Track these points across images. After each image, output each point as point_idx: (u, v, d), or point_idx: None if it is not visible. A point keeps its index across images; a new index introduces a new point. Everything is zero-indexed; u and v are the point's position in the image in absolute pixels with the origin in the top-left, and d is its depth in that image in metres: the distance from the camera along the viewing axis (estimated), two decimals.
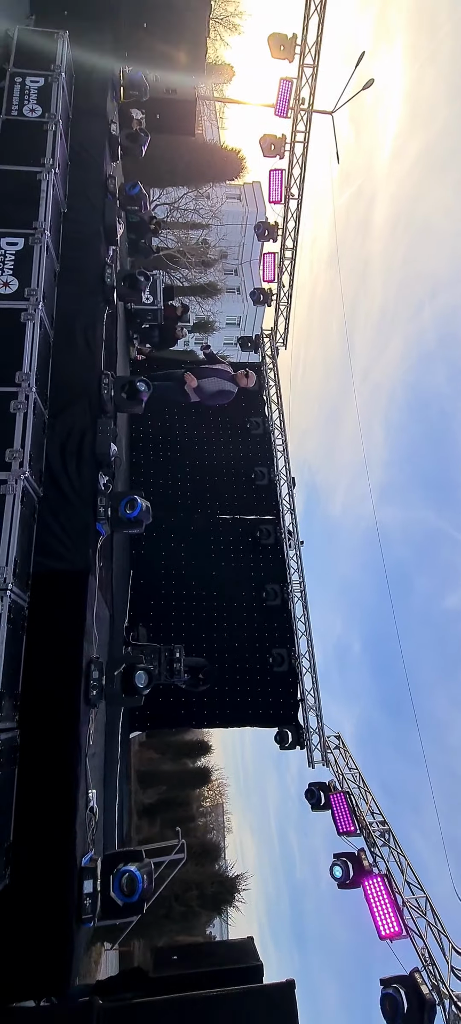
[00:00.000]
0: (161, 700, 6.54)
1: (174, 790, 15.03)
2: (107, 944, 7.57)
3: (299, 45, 7.76)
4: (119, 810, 5.27)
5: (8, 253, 4.08)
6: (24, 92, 4.84)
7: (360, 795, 5.62)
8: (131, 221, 6.75)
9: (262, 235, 8.57)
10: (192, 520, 7.53)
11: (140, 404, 4.62)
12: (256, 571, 7.24)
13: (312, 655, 6.60)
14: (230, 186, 22.07)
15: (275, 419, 8.31)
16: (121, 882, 3.11)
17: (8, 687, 3.09)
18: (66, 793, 3.18)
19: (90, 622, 3.70)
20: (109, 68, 6.15)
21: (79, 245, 4.76)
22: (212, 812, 20.55)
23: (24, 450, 3.53)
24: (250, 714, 6.60)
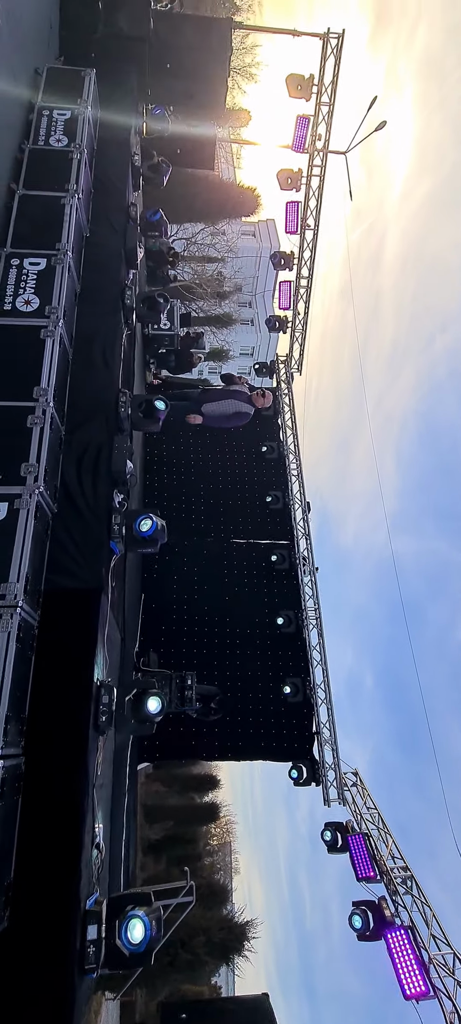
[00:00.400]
0: (171, 730, 6.30)
1: (181, 826, 14.49)
2: (109, 993, 7.15)
3: (316, 85, 8.01)
4: (125, 846, 5.00)
5: (30, 273, 4.13)
6: (51, 124, 5.01)
7: (379, 837, 5.28)
8: (150, 249, 6.90)
9: (278, 264, 8.69)
10: (205, 544, 7.43)
11: (157, 422, 4.59)
12: (270, 597, 7.06)
13: (327, 686, 6.34)
14: (245, 222, 22.74)
15: (290, 443, 8.25)
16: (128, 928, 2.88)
17: (14, 710, 2.95)
18: (72, 828, 2.98)
19: (101, 643, 3.57)
20: (133, 104, 6.38)
21: (100, 267, 4.82)
22: (219, 851, 19.74)
23: (39, 464, 3.49)
24: (263, 747, 6.32)
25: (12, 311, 3.97)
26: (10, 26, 4.74)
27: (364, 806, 5.65)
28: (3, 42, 4.62)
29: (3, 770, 2.73)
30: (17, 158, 4.82)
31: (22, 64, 5.18)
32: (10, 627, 3.00)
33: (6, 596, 3.09)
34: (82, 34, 6.51)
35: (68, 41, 6.41)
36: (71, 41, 6.41)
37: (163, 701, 3.60)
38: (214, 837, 19.60)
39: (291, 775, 5.99)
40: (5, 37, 4.66)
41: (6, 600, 3.08)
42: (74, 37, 6.46)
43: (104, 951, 2.87)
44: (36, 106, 5.08)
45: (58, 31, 6.42)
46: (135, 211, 5.60)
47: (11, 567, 3.15)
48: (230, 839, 21.08)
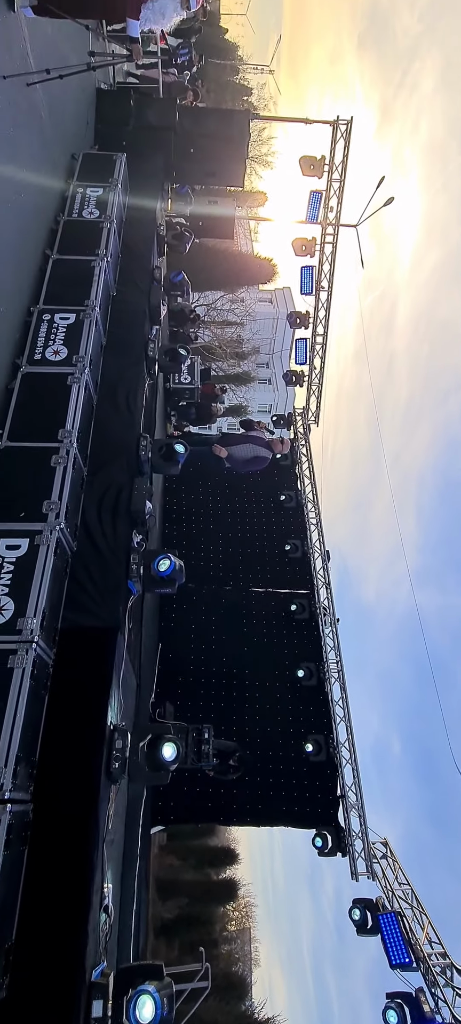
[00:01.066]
0: (186, 790, 5.97)
1: (196, 905, 13.42)
2: None
3: (327, 165, 8.62)
4: (136, 919, 4.62)
5: (60, 326, 4.40)
6: (84, 199, 5.49)
7: (414, 918, 4.75)
8: (173, 310, 7.31)
9: (294, 323, 9.05)
10: (224, 592, 7.32)
11: (176, 466, 4.67)
12: (290, 648, 6.83)
13: (352, 744, 5.95)
14: (262, 290, 24.00)
15: (308, 492, 8.24)
16: (137, 1006, 2.60)
17: (25, 752, 2.84)
18: (79, 883, 2.77)
19: (116, 684, 3.47)
20: (159, 183, 6.97)
21: (125, 322, 5.11)
22: (238, 938, 18.09)
23: (61, 502, 3.55)
24: (284, 811, 5.89)
25: (42, 360, 4.20)
26: (52, 120, 5.32)
27: (395, 881, 5.14)
28: (46, 134, 5.18)
29: (11, 815, 2.60)
30: (53, 229, 5.26)
31: (61, 152, 5.77)
32: (25, 663, 2.95)
33: (22, 631, 3.07)
34: (115, 127, 7.26)
35: (102, 133, 7.14)
36: (105, 133, 7.14)
37: (179, 748, 3.42)
38: (232, 921, 18.05)
39: (315, 843, 5.53)
40: (48, 130, 5.22)
41: (22, 635, 3.06)
42: (108, 130, 7.20)
43: None
44: (72, 185, 5.59)
45: (94, 125, 7.18)
46: (159, 273, 5.98)
47: (28, 602, 3.15)
48: (249, 924, 19.37)
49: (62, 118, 5.68)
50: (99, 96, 7.10)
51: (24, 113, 4.49)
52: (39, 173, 4.93)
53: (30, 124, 4.68)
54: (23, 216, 4.55)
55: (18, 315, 4.39)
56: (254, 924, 19.83)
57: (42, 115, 4.96)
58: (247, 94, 27.29)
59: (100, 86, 7.23)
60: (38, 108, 4.84)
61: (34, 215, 4.83)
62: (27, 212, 4.65)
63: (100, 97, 7.11)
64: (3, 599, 3.06)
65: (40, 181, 4.97)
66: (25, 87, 4.40)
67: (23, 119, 4.48)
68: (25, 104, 4.50)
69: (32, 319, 4.41)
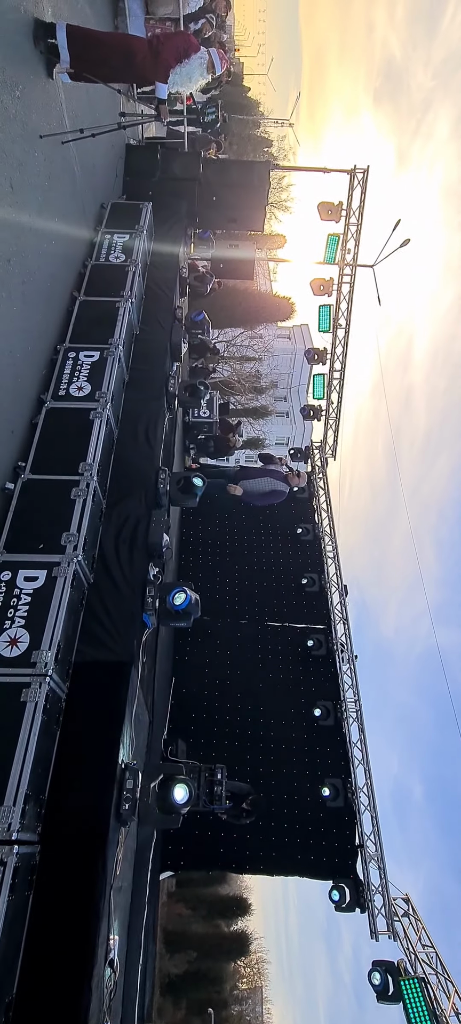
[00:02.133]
0: (197, 835, 5.76)
1: (205, 960, 12.76)
2: None
3: (344, 210, 8.88)
4: (142, 973, 4.39)
5: (85, 364, 4.56)
6: (111, 245, 5.76)
7: (438, 985, 4.40)
8: (193, 344, 7.52)
9: (312, 359, 9.18)
10: (239, 626, 7.22)
11: (194, 498, 4.71)
12: (306, 685, 6.64)
13: (371, 789, 5.68)
14: (281, 327, 24.54)
15: (325, 526, 8.16)
16: None
17: (34, 790, 2.77)
18: (84, 934, 2.64)
19: (129, 720, 3.42)
20: (183, 228, 7.28)
21: (147, 359, 5.27)
22: (249, 998, 17.07)
23: (80, 534, 3.60)
24: (299, 860, 5.62)
25: (66, 396, 4.35)
26: (84, 173, 5.67)
27: (418, 943, 4.80)
28: (77, 186, 5.51)
29: (17, 857, 2.52)
30: (80, 272, 5.52)
31: (91, 202, 6.12)
32: (38, 697, 2.94)
33: (37, 664, 3.07)
34: (142, 179, 7.67)
35: (130, 184, 7.55)
36: (133, 184, 7.55)
37: (191, 790, 3.33)
38: (243, 979, 17.09)
39: (331, 897, 5.23)
40: (80, 182, 5.55)
41: (36, 668, 3.06)
42: (135, 181, 7.61)
43: None
44: (100, 232, 5.89)
45: (123, 177, 7.60)
46: (181, 313, 6.19)
47: (44, 635, 3.16)
48: (261, 983, 18.29)
49: (93, 172, 6.04)
50: (128, 151, 7.54)
51: (58, 168, 4.79)
52: (70, 223, 5.21)
53: (63, 178, 4.99)
54: (54, 263, 4.80)
55: (45, 353, 4.58)
56: (266, 983, 18.71)
57: (75, 169, 5.29)
58: (268, 145, 28.60)
59: (129, 141, 7.68)
60: (71, 163, 5.16)
61: (64, 261, 5.09)
62: (58, 258, 4.90)
63: (129, 151, 7.55)
64: (19, 631, 3.08)
65: (71, 230, 5.25)
66: (60, 145, 4.71)
67: (57, 173, 4.78)
68: (59, 160, 4.81)
69: (58, 357, 4.59)
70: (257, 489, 5.75)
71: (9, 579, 3.28)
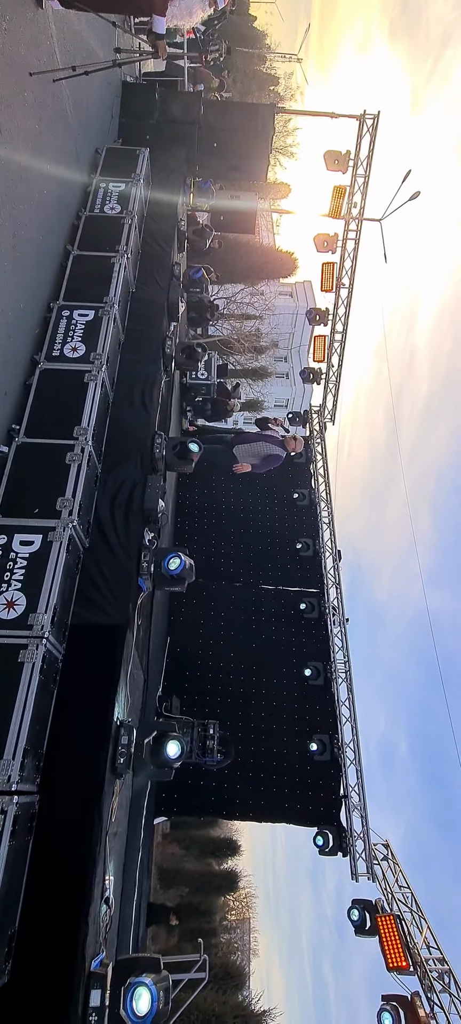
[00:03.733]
0: (190, 783, 6.06)
1: (197, 894, 13.63)
2: None
3: (352, 160, 8.47)
4: (137, 908, 4.73)
5: (79, 323, 4.45)
6: (106, 194, 5.52)
7: (413, 922, 4.76)
8: (192, 301, 7.32)
9: (313, 319, 8.96)
10: (234, 589, 7.36)
11: (190, 464, 4.70)
12: (298, 646, 6.84)
13: (357, 745, 5.96)
14: (283, 284, 23.78)
15: (322, 491, 8.20)
16: (133, 998, 2.66)
17: (33, 745, 2.91)
18: (81, 875, 2.83)
19: (124, 680, 3.54)
20: (181, 177, 6.95)
21: (143, 319, 5.14)
22: (237, 928, 18.35)
23: (75, 499, 3.62)
24: (287, 808, 5.94)
25: (60, 356, 4.26)
26: (77, 115, 5.35)
27: (395, 884, 5.15)
28: (70, 129, 5.21)
29: (17, 806, 2.67)
30: (74, 224, 5.31)
31: (85, 145, 5.80)
32: (35, 658, 3.03)
33: (33, 627, 3.15)
34: (139, 121, 7.25)
35: (127, 126, 7.15)
36: (129, 126, 7.15)
37: (183, 746, 3.49)
38: (232, 911, 18.30)
39: (316, 842, 5.57)
40: (72, 125, 5.25)
41: (33, 631, 3.14)
42: (132, 123, 7.20)
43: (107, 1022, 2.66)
44: (94, 180, 5.62)
45: (118, 119, 7.18)
46: (179, 270, 5.99)
47: (40, 598, 3.22)
48: (249, 915, 19.61)
49: (87, 113, 5.71)
50: (124, 89, 7.11)
51: (49, 109, 4.53)
52: (63, 168, 4.97)
53: (55, 120, 4.72)
54: (46, 212, 4.60)
55: (38, 311, 4.46)
56: (254, 915, 20.08)
57: (67, 110, 5.00)
58: (274, 83, 26.89)
59: (126, 79, 7.23)
60: (63, 104, 4.88)
61: (56, 211, 4.88)
62: (50, 208, 4.70)
63: (125, 91, 7.11)
64: (16, 594, 3.14)
65: (63, 176, 5.01)
66: (51, 83, 4.44)
67: (48, 115, 4.52)
68: (51, 100, 4.54)
69: (51, 315, 4.47)
70: (253, 453, 5.74)
71: (5, 543, 3.32)
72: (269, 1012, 8.54)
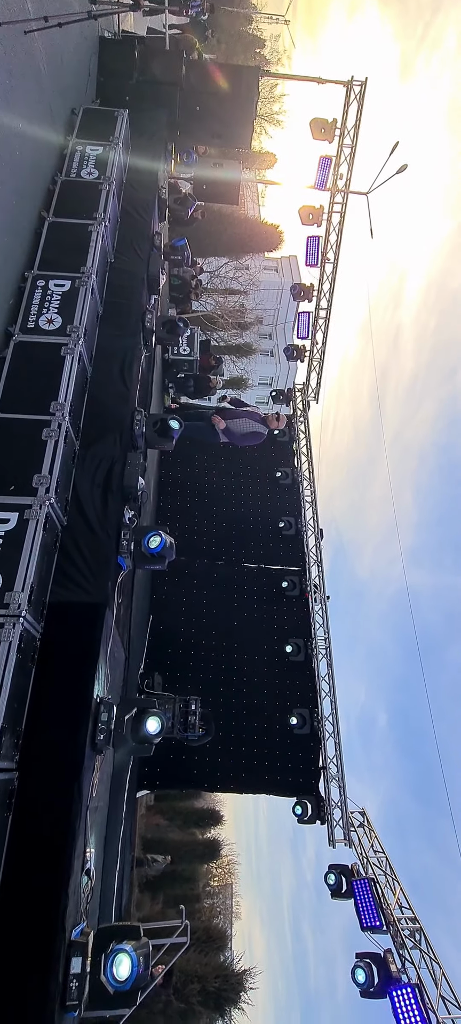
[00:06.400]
0: (172, 757, 6.16)
1: (180, 863, 13.96)
2: None
3: (338, 128, 8.28)
4: (119, 879, 4.82)
5: (55, 294, 4.30)
6: (83, 158, 5.28)
7: (387, 884, 4.98)
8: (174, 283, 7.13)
9: (297, 295, 8.85)
10: (216, 567, 7.39)
11: (171, 441, 4.64)
12: (280, 623, 6.94)
13: (336, 719, 6.13)
14: (268, 258, 23.37)
15: (304, 470, 8.23)
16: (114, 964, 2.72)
17: (10, 723, 2.89)
18: (61, 849, 2.85)
19: (103, 658, 3.53)
20: (162, 142, 6.69)
21: (123, 291, 4.99)
22: (220, 894, 18.93)
23: (52, 477, 3.54)
24: (267, 780, 6.10)
25: (35, 329, 4.12)
26: (51, 71, 5.06)
27: (371, 849, 5.37)
28: (44, 84, 4.93)
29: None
30: (49, 189, 5.07)
31: (61, 105, 5.51)
32: (12, 637, 2.99)
33: (10, 605, 3.10)
34: (118, 80, 6.91)
35: (105, 86, 6.80)
36: (107, 86, 6.81)
37: (163, 722, 3.51)
38: (215, 878, 18.84)
39: (295, 811, 5.75)
40: (46, 81, 4.97)
41: (10, 610, 3.09)
42: (110, 83, 6.86)
43: (88, 988, 2.72)
44: (70, 143, 5.37)
45: (96, 77, 6.83)
46: (159, 240, 5.80)
47: (17, 576, 3.17)
48: (231, 881, 20.24)
49: (62, 70, 5.41)
50: (102, 46, 6.75)
51: (21, 63, 4.28)
52: (36, 128, 4.72)
53: (27, 75, 4.46)
54: (19, 175, 4.38)
55: (12, 280, 4.28)
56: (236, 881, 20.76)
57: (41, 67, 4.73)
58: (260, 46, 25.97)
59: (103, 34, 6.86)
60: (36, 59, 4.61)
61: (31, 174, 4.66)
62: (24, 170, 4.48)
63: (103, 47, 6.76)
64: None
65: (37, 137, 4.77)
66: (22, 35, 4.18)
67: (20, 70, 4.27)
68: (22, 53, 4.28)
69: (26, 285, 4.30)
70: (237, 429, 5.69)
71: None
72: (250, 971, 8.91)
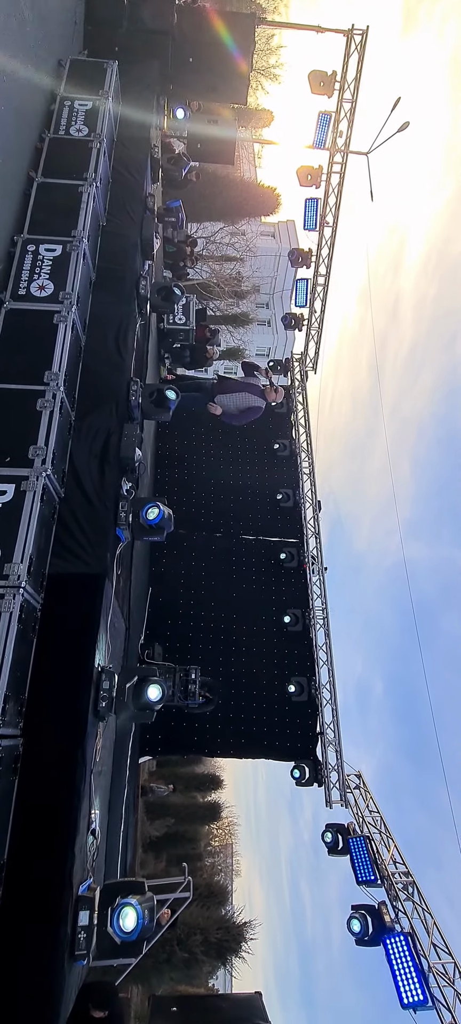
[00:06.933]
0: (173, 724, 6.29)
1: (182, 824, 14.44)
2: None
3: (338, 81, 7.94)
4: (123, 839, 4.98)
5: (46, 259, 4.17)
6: (72, 114, 5.05)
7: (381, 842, 5.18)
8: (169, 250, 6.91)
9: (295, 261, 8.64)
10: (214, 539, 7.41)
11: (167, 412, 4.58)
12: (278, 595, 7.01)
13: (333, 686, 6.26)
14: (265, 223, 22.72)
15: (302, 442, 8.18)
16: (120, 916, 2.85)
17: (14, 691, 2.94)
18: (66, 810, 2.95)
19: (104, 628, 3.56)
20: (154, 97, 6.40)
21: (116, 256, 4.84)
22: (221, 853, 19.66)
23: (48, 448, 3.50)
24: (266, 745, 6.26)
25: (26, 296, 4.01)
26: (36, 17, 4.79)
27: (366, 809, 5.56)
28: (28, 33, 4.68)
29: (1, 749, 2.73)
30: (37, 147, 4.87)
31: (46, 56, 5.23)
32: (12, 607, 3.01)
33: (9, 577, 3.10)
34: (106, 29, 6.56)
35: (92, 35, 6.46)
36: (95, 36, 6.47)
37: (164, 690, 3.58)
38: (215, 838, 19.53)
39: (293, 775, 5.92)
40: (30, 28, 4.71)
41: (9, 581, 3.09)
42: (98, 32, 6.51)
43: (95, 939, 2.85)
44: (58, 97, 5.12)
45: (83, 26, 6.48)
46: (153, 202, 5.61)
47: (15, 548, 3.16)
48: (232, 841, 21.00)
49: (46, 17, 5.12)
50: None
51: (2, 10, 4.04)
52: (22, 82, 4.50)
53: (9, 22, 4.22)
54: (5, 132, 4.20)
55: (1, 245, 4.14)
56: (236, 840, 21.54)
57: (25, 13, 4.47)
58: None
59: None
60: (19, 5, 4.35)
61: (16, 131, 4.46)
62: (8, 128, 4.28)
63: None
64: None
65: (22, 91, 4.55)
66: None
67: (1, 18, 4.03)
68: (3, 2, 4.04)
69: (16, 250, 4.17)
70: (234, 405, 5.61)
71: None
72: (250, 923, 9.33)
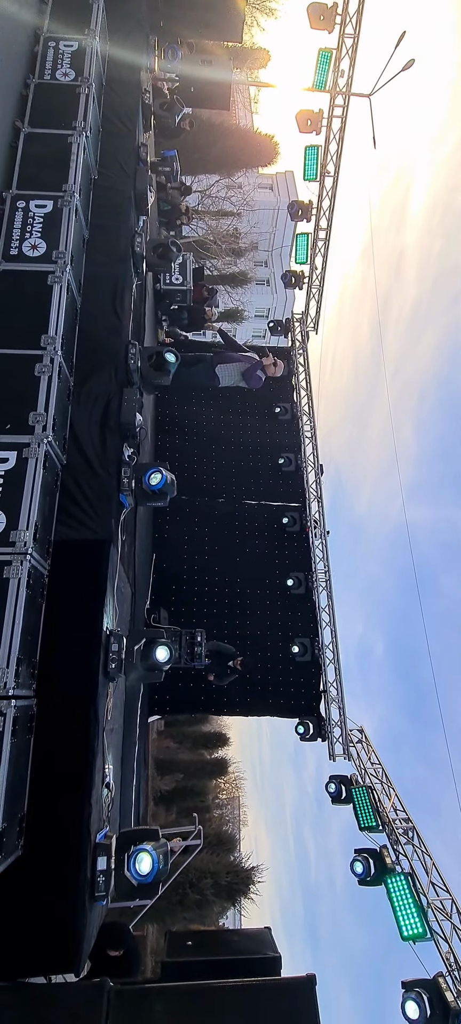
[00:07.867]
0: (181, 685, 6.46)
1: (191, 779, 15.02)
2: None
3: (339, 14, 7.45)
4: (136, 792, 5.19)
5: (37, 216, 4.01)
6: (57, 56, 4.76)
7: (383, 791, 5.39)
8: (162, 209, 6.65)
9: (295, 214, 8.31)
10: (217, 505, 7.41)
11: (167, 375, 4.49)
12: (281, 558, 7.06)
13: (336, 646, 6.38)
14: (262, 174, 21.76)
15: (304, 405, 8.07)
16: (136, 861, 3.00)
17: (26, 654, 3.01)
18: (82, 765, 3.08)
19: (111, 593, 3.60)
20: (143, 36, 6.03)
21: (109, 212, 4.66)
22: (228, 804, 20.50)
23: (48, 414, 3.45)
24: (271, 703, 6.44)
25: (19, 256, 3.88)
26: None
27: (368, 762, 5.76)
28: None
29: (15, 709, 2.81)
30: (22, 94, 4.61)
31: None
32: (20, 573, 3.04)
33: (16, 544, 3.12)
34: None
35: None
36: None
37: (171, 651, 3.65)
38: (223, 791, 20.32)
39: (297, 730, 6.11)
40: None
41: (16, 547, 3.11)
42: None
43: (114, 882, 3.01)
44: (42, 36, 4.82)
45: None
46: (145, 152, 5.36)
47: (20, 515, 3.17)
48: (238, 794, 21.86)
49: None
50: None
51: None
52: (1, 18, 4.22)
53: None
54: None
55: None
56: (243, 793, 22.44)
57: None
58: None
59: None
60: None
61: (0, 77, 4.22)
62: None
63: None
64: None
65: (3, 30, 4.27)
66: None
67: None
68: None
69: (5, 207, 4.00)
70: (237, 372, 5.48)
71: None
72: (257, 868, 9.81)
